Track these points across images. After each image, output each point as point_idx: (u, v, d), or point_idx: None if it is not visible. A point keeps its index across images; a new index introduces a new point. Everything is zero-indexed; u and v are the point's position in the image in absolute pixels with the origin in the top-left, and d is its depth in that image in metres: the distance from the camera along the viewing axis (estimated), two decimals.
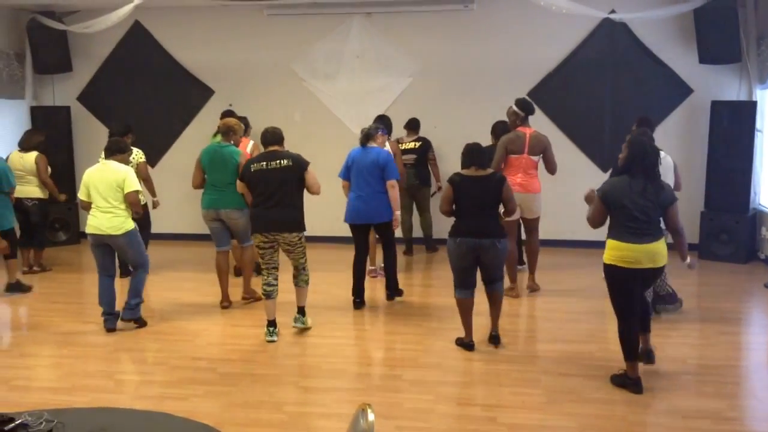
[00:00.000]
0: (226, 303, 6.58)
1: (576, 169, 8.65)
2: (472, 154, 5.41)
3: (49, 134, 8.68)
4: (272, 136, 5.79)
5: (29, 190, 7.65)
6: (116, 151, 5.97)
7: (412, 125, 8.50)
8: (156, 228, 8.26)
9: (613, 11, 8.05)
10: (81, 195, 5.86)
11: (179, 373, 5.08)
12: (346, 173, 6.56)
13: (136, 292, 5.97)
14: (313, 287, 7.05)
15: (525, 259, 7.35)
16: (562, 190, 8.57)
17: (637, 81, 8.56)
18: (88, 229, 5.83)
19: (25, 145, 7.74)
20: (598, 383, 4.77)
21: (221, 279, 6.60)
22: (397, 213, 6.53)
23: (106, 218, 5.75)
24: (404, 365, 5.22)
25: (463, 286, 5.37)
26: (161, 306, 6.66)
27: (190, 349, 5.56)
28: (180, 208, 9.27)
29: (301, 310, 5.87)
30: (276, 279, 5.73)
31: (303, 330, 5.87)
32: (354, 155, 6.54)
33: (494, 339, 5.47)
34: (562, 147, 8.78)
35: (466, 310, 5.42)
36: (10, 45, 9.17)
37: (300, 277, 5.82)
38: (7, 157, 7.68)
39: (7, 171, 7.09)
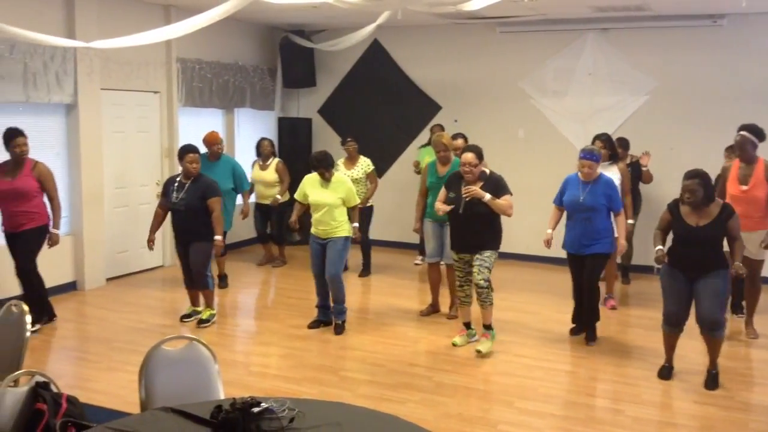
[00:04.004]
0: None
1: None
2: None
3: (292, 143, 9.55)
4: None
5: (269, 193, 8.49)
6: None
7: (622, 146, 7.91)
8: (373, 235, 8.70)
9: None
10: None
11: (397, 377, 5.27)
12: None
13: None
14: (526, 307, 7.02)
15: None
16: None
17: None
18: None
19: (264, 159, 8.60)
20: None
21: (438, 288, 6.87)
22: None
23: None
24: (626, 400, 4.94)
25: None
26: (383, 310, 6.97)
27: (407, 355, 5.75)
28: (395, 218, 9.66)
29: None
30: None
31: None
32: None
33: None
34: None
35: None
36: (264, 61, 10.16)
37: None
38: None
39: (244, 174, 7.94)
